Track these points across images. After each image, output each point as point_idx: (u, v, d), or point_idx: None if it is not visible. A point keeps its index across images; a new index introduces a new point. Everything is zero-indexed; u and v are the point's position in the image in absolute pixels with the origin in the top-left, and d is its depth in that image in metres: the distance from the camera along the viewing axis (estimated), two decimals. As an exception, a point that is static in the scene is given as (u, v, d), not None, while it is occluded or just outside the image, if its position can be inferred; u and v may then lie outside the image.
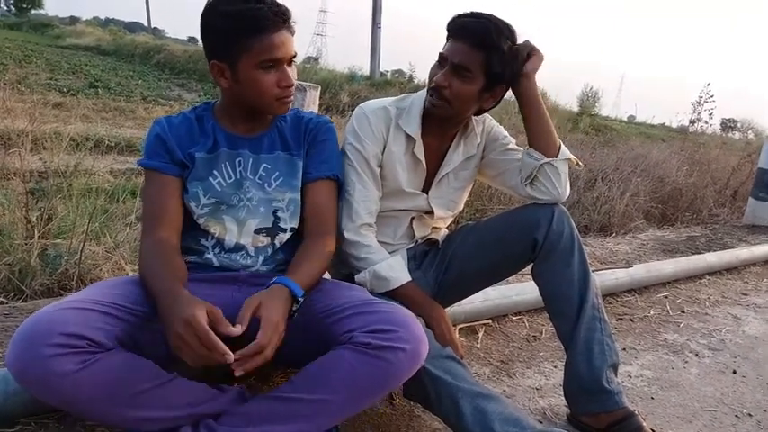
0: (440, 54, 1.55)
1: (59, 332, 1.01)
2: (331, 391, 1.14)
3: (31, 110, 4.86)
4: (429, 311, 1.55)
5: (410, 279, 1.58)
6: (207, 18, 1.30)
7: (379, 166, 1.61)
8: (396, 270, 1.56)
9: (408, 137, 1.61)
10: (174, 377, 1.18)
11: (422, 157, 1.63)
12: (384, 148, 1.61)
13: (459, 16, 1.53)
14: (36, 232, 2.14)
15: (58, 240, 2.22)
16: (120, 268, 2.15)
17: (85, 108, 7.82)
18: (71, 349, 1.02)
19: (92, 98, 9.40)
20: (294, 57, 1.35)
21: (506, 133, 1.76)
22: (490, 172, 1.76)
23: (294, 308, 1.20)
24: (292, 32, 1.34)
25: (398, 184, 1.63)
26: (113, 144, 5.23)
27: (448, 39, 1.54)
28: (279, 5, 1.30)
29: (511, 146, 1.73)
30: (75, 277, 2.02)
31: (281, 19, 1.29)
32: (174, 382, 1.17)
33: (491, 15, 1.52)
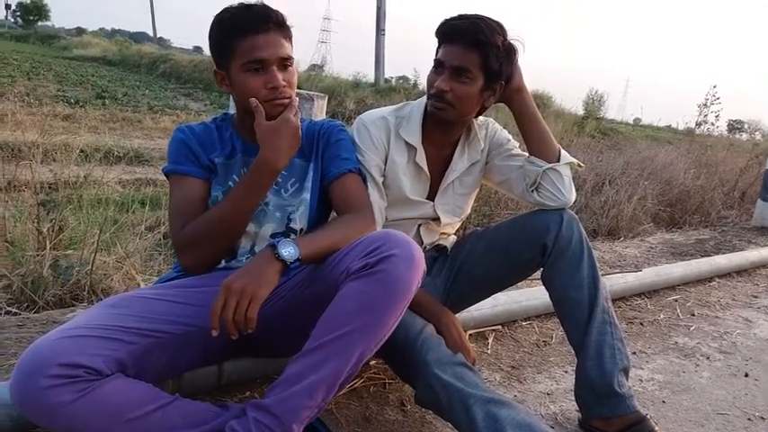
0: (436, 60, 1.55)
1: (57, 363, 1.02)
2: (349, 322, 1.14)
3: (41, 122, 4.91)
4: (439, 317, 1.55)
5: None
6: (210, 28, 1.36)
7: (383, 176, 1.62)
8: None
9: (409, 146, 1.62)
10: (175, 398, 1.18)
11: (424, 165, 1.63)
12: (386, 158, 1.61)
13: (448, 21, 1.54)
14: (47, 243, 2.16)
15: (70, 251, 2.23)
16: (131, 278, 2.17)
17: (94, 119, 7.88)
18: (68, 380, 1.03)
19: (99, 109, 9.46)
20: (287, 59, 1.34)
21: (510, 137, 1.76)
22: (496, 178, 1.76)
23: (290, 264, 1.20)
24: (287, 35, 1.35)
25: (403, 193, 1.64)
26: (122, 154, 5.29)
27: (441, 44, 1.55)
28: (267, 8, 1.33)
29: (515, 151, 1.73)
30: (86, 288, 2.04)
31: (267, 20, 1.31)
32: (174, 403, 1.17)
33: (479, 15, 1.54)
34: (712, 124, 7.70)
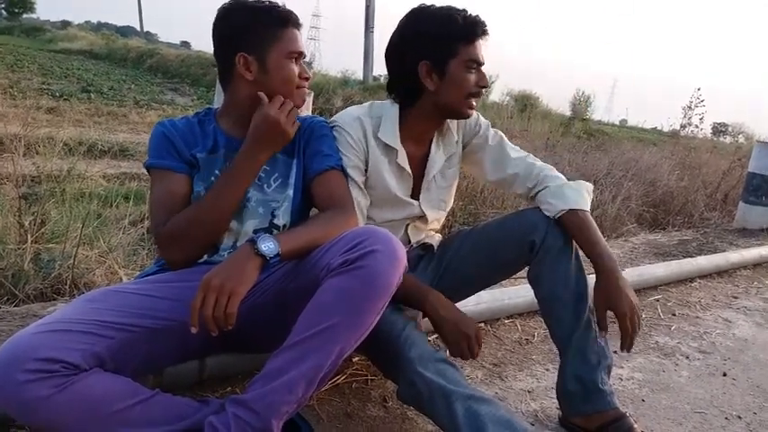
0: (474, 61, 1.55)
1: (34, 357, 1.02)
2: (330, 318, 1.14)
3: (24, 115, 4.85)
4: (426, 296, 1.53)
5: None
6: (236, 14, 1.40)
7: (366, 176, 1.61)
8: None
9: (389, 147, 1.61)
10: (155, 393, 1.17)
11: (406, 165, 1.63)
12: (367, 159, 1.60)
13: (467, 17, 1.54)
14: (29, 237, 2.13)
15: (52, 245, 2.21)
16: (113, 272, 2.15)
17: (78, 113, 7.80)
18: (45, 374, 1.02)
19: (84, 102, 9.37)
20: (305, 56, 1.48)
21: (478, 119, 1.75)
22: (469, 165, 1.81)
23: (269, 259, 1.20)
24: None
25: (391, 192, 1.63)
26: (106, 149, 5.24)
27: (469, 42, 1.54)
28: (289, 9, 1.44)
29: (489, 135, 1.74)
30: (68, 282, 2.02)
31: (296, 17, 1.43)
32: (155, 398, 1.17)
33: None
34: (696, 126, 7.80)
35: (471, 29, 1.54)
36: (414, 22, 1.57)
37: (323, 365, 1.16)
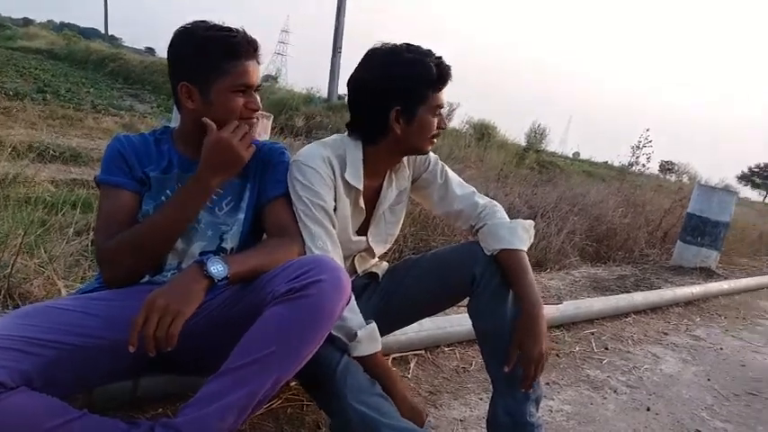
0: (437, 106, 1.60)
1: None
2: (268, 346, 1.16)
3: (-27, 115, 4.72)
4: (395, 382, 1.55)
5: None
6: (183, 41, 1.38)
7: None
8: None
9: (352, 187, 1.62)
10: (82, 414, 1.16)
11: (362, 203, 1.67)
12: (335, 199, 1.61)
13: (441, 63, 1.58)
14: (-35, 244, 2.08)
15: (-11, 252, 2.16)
16: (52, 283, 2.11)
17: (32, 115, 7.59)
18: None
19: (39, 103, 9.12)
20: (260, 86, 1.45)
21: (429, 156, 1.80)
22: (420, 198, 1.87)
23: (217, 281, 1.23)
24: (259, 63, 1.44)
25: (348, 234, 1.66)
26: (58, 153, 5.12)
27: (439, 89, 1.59)
28: (250, 36, 1.41)
29: (438, 170, 1.80)
30: (2, 291, 1.97)
31: (256, 49, 1.40)
32: (83, 419, 1.15)
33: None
34: (643, 165, 8.15)
35: (443, 77, 1.59)
36: (388, 67, 1.56)
37: (257, 393, 1.17)
